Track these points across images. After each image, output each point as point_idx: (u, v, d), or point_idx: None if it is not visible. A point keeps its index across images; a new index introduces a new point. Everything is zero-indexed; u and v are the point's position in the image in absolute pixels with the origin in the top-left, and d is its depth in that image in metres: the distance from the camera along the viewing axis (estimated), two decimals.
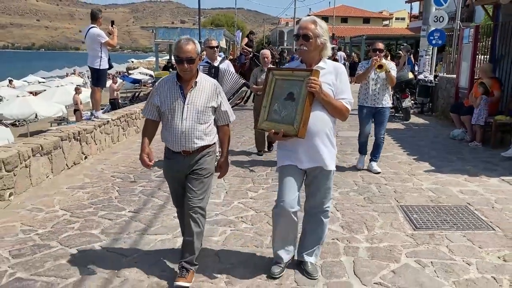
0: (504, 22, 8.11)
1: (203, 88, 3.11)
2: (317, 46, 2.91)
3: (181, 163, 3.12)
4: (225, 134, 3.31)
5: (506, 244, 3.68)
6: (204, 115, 3.09)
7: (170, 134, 3.10)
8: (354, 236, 3.88)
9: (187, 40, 3.05)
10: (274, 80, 3.04)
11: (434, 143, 7.80)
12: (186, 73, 3.03)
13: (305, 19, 3.00)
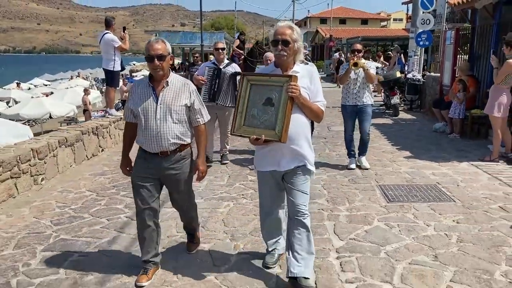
0: (480, 25, 8.88)
1: (174, 87, 3.13)
2: (294, 51, 2.97)
3: (158, 164, 3.14)
4: (200, 134, 3.30)
5: (461, 212, 4.44)
6: (178, 114, 3.11)
7: (145, 136, 3.11)
8: (336, 207, 4.64)
9: (157, 39, 3.12)
10: (249, 86, 3.03)
11: (418, 135, 8.57)
12: (157, 71, 3.05)
13: (282, 25, 3.00)
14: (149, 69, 3.12)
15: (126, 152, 3.35)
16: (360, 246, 3.69)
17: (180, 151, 3.18)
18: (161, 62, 3.02)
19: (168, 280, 3.22)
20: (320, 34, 45.45)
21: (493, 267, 3.28)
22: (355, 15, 64.21)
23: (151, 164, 3.15)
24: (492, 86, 6.37)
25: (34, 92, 18.51)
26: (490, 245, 3.65)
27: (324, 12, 59.80)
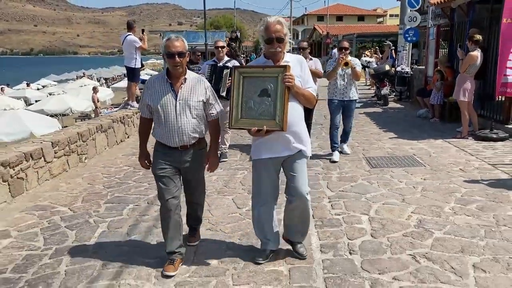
0: (458, 22, 10.02)
1: (192, 84, 3.23)
2: (285, 44, 3.11)
3: (177, 157, 3.27)
4: (214, 127, 3.43)
5: (429, 173, 5.59)
6: (196, 109, 3.22)
7: (166, 131, 3.20)
8: (330, 172, 5.79)
9: (177, 36, 3.19)
10: (242, 78, 3.09)
11: (403, 120, 9.73)
12: (177, 67, 3.13)
13: (272, 22, 3.06)
14: (168, 65, 3.19)
15: (144, 145, 3.46)
16: (347, 194, 4.85)
17: (198, 144, 3.33)
18: (181, 59, 3.10)
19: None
20: (318, 32, 46.59)
21: (444, 204, 4.43)
22: (351, 12, 65.13)
23: (171, 157, 3.27)
24: (458, 75, 7.53)
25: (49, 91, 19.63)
26: (445, 192, 4.80)
27: (321, 9, 60.64)
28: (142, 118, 3.41)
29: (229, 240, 3.80)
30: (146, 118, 3.36)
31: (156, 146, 3.35)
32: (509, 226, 3.85)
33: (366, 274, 3.14)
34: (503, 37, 7.15)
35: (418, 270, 3.16)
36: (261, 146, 3.16)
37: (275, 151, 3.13)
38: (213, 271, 3.28)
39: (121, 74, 42.79)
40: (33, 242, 3.91)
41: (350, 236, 3.76)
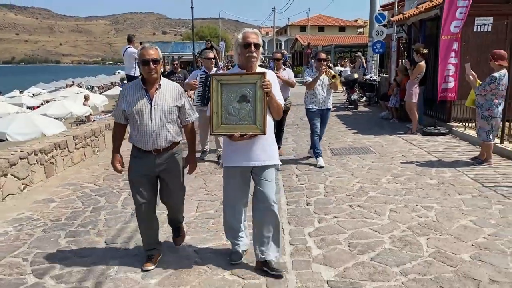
0: (414, 36, 11.65)
1: (166, 90, 3.35)
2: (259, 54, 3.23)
3: (152, 161, 3.37)
4: (190, 132, 3.57)
5: (377, 158, 7.07)
6: (170, 114, 3.35)
7: (141, 135, 3.31)
8: (299, 159, 7.22)
9: (151, 45, 3.35)
10: (220, 85, 3.16)
11: (367, 121, 11.26)
12: (151, 74, 3.24)
13: (251, 31, 3.23)
14: (143, 72, 3.29)
15: (117, 149, 3.54)
16: (310, 172, 6.30)
17: (172, 148, 3.43)
18: (156, 66, 3.25)
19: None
20: (299, 42, 48.45)
21: (382, 177, 5.90)
22: (333, 23, 67.16)
23: (146, 161, 3.37)
24: (408, 81, 9.09)
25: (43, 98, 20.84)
26: (385, 170, 6.28)
27: (303, 20, 62.37)
28: (116, 124, 3.52)
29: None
30: (120, 123, 3.47)
31: (132, 151, 3.46)
32: (423, 189, 5.33)
33: (316, 215, 4.56)
34: (442, 51, 8.74)
35: (352, 213, 4.60)
36: (232, 154, 3.28)
37: (245, 159, 3.24)
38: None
39: (108, 83, 43.95)
40: (74, 204, 5.25)
41: (308, 196, 5.20)
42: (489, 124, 6.21)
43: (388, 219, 4.39)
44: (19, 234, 4.31)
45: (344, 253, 3.66)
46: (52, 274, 3.47)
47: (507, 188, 5.24)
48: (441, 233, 4.00)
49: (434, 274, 3.24)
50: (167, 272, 3.43)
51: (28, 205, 5.21)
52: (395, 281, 3.16)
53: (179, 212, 3.77)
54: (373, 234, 4.02)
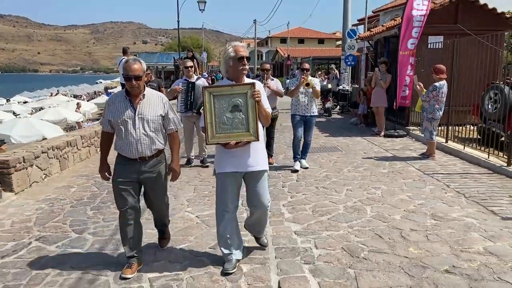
0: (380, 51, 13.09)
1: (150, 100, 3.46)
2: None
3: (137, 168, 3.48)
4: (174, 140, 3.68)
5: (343, 154, 8.35)
6: (154, 123, 3.45)
7: (125, 143, 3.42)
8: (278, 155, 8.45)
9: (135, 60, 3.38)
10: (212, 97, 3.31)
11: (338, 126, 12.60)
12: (134, 89, 3.35)
13: (239, 44, 3.42)
14: (127, 86, 3.39)
15: (105, 158, 3.64)
16: (286, 166, 7.51)
17: (156, 156, 3.54)
18: (138, 82, 3.35)
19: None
20: (280, 54, 50.09)
21: (344, 168, 7.17)
22: (312, 35, 69.12)
23: (131, 168, 3.48)
24: (378, 89, 10.47)
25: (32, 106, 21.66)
26: (348, 163, 7.56)
27: (284, 32, 63.96)
28: (103, 132, 3.63)
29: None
30: (107, 132, 3.57)
31: (117, 158, 3.57)
32: (376, 176, 6.61)
33: (289, 193, 5.78)
34: (400, 64, 10.15)
35: (317, 192, 5.83)
36: (224, 161, 3.47)
37: (237, 166, 3.43)
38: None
39: (91, 91, 44.62)
40: (91, 189, 6.35)
41: (283, 181, 6.42)
42: (431, 125, 7.56)
43: (345, 195, 5.65)
44: (52, 209, 5.39)
45: (308, 216, 4.88)
46: (88, 231, 4.58)
47: (441, 175, 6.57)
48: (383, 203, 5.27)
49: (371, 227, 4.48)
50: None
51: (52, 190, 6.28)
52: (343, 231, 4.39)
53: (164, 216, 3.95)
54: (332, 204, 5.26)
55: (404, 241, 4.08)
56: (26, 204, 5.61)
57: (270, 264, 3.66)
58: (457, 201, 5.30)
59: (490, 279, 3.32)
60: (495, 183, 6.06)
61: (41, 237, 4.42)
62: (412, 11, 9.93)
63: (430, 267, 3.53)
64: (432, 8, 10.22)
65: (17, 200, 5.78)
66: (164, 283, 3.39)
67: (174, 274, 3.53)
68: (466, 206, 5.10)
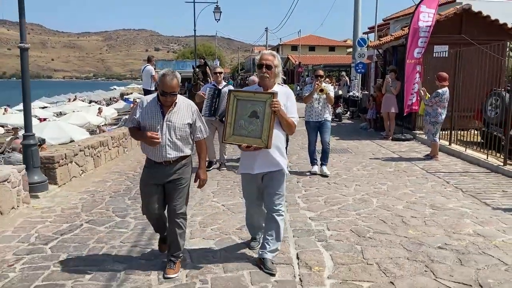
0: (389, 60, 13.72)
1: (180, 109, 3.56)
2: (275, 74, 3.54)
3: (162, 172, 3.58)
4: (200, 147, 3.75)
5: (353, 156, 8.98)
6: (181, 130, 3.54)
7: (152, 147, 3.52)
8: (291, 156, 9.10)
9: (172, 76, 3.43)
10: (236, 100, 3.50)
11: (349, 130, 13.23)
12: (167, 102, 3.49)
13: (266, 52, 3.59)
14: (160, 98, 3.51)
15: (140, 131, 3.61)
16: (300, 164, 8.16)
17: (181, 160, 3.63)
18: (173, 97, 3.49)
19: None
20: (291, 61, 50.83)
21: (353, 167, 7.80)
22: (323, 43, 69.72)
23: (157, 172, 3.61)
24: (389, 95, 11.08)
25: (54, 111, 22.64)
26: (357, 163, 8.19)
27: (295, 40, 64.59)
28: (130, 129, 3.73)
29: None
30: (134, 127, 3.66)
31: (145, 162, 3.74)
32: (382, 173, 7.24)
33: (303, 188, 6.43)
34: (407, 72, 10.77)
35: (328, 186, 6.47)
36: (244, 163, 3.73)
37: (254, 168, 3.63)
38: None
39: (107, 97, 45.74)
40: (125, 182, 7.06)
41: (298, 178, 7.07)
42: (434, 128, 8.17)
43: (353, 189, 6.29)
44: (94, 199, 6.11)
45: (321, 205, 5.53)
46: (130, 216, 5.28)
47: (443, 173, 7.18)
48: (387, 196, 5.90)
49: (377, 214, 5.12)
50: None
51: (90, 184, 7.01)
52: (351, 217, 5.03)
53: (180, 232, 3.69)
54: (342, 197, 5.91)
55: (404, 225, 4.71)
56: (69, 195, 6.33)
57: (289, 241, 4.32)
58: (455, 194, 5.92)
59: (475, 253, 3.94)
60: (491, 180, 6.66)
61: (90, 220, 5.12)
62: (419, 22, 10.57)
63: (425, 244, 4.16)
64: (437, 19, 10.87)
65: (61, 192, 6.51)
66: (202, 254, 4.06)
67: (208, 248, 4.21)
68: (462, 198, 5.72)
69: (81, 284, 3.52)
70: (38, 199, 6.04)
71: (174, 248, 3.71)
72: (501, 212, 5.11)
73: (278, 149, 3.63)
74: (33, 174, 6.18)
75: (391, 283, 3.42)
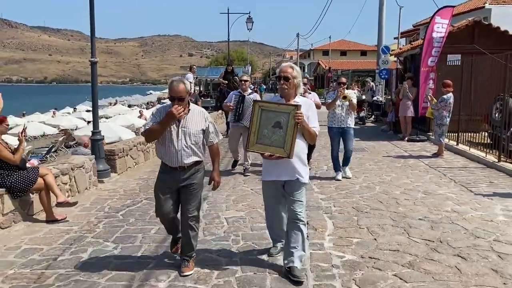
0: (408, 66, 14.70)
1: (193, 116, 3.75)
2: (294, 85, 3.71)
3: (177, 176, 3.76)
4: (214, 152, 3.93)
5: (368, 154, 10.09)
6: (195, 136, 3.73)
7: (167, 152, 3.73)
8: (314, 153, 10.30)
9: (179, 81, 3.63)
10: (260, 111, 3.70)
11: (370, 133, 14.29)
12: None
13: (285, 65, 3.79)
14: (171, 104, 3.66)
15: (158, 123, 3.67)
16: (317, 159, 9.36)
17: (195, 166, 3.79)
18: (181, 102, 3.59)
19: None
20: (321, 66, 51.82)
21: (367, 163, 8.94)
22: (354, 47, 70.24)
23: (171, 177, 3.77)
24: (406, 100, 12.09)
25: (100, 114, 24.89)
26: (371, 160, 9.30)
27: (326, 45, 65.26)
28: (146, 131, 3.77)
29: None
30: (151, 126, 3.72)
31: (160, 167, 3.92)
32: (390, 168, 8.37)
33: (318, 178, 7.63)
34: (422, 78, 11.79)
35: (344, 183, 7.64)
36: (266, 170, 3.87)
37: (275, 175, 3.78)
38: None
39: (145, 102, 48.06)
40: None
41: (315, 171, 8.27)
42: (440, 130, 9.20)
43: (362, 180, 7.46)
44: (148, 183, 7.48)
45: (331, 190, 6.75)
46: None
47: (443, 168, 8.23)
48: (389, 184, 7.04)
49: (376, 197, 6.28)
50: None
51: (142, 173, 8.45)
52: (355, 199, 6.22)
53: (192, 234, 3.88)
54: (350, 185, 7.09)
55: (397, 205, 5.87)
56: (127, 180, 7.79)
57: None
58: (447, 184, 7.00)
59: (446, 223, 5.07)
60: (484, 174, 7.68)
61: (148, 198, 6.50)
62: (433, 33, 11.60)
63: (409, 217, 5.31)
64: (451, 30, 11.85)
65: (121, 178, 7.97)
66: (235, 219, 5.37)
67: (239, 216, 5.51)
68: (452, 187, 6.80)
69: (148, 235, 4.89)
70: (103, 183, 7.51)
71: (187, 249, 3.91)
72: (480, 197, 6.18)
73: (300, 159, 3.76)
74: (99, 163, 7.66)
75: (375, 239, 4.61)
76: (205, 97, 25.34)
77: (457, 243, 4.46)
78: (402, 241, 4.55)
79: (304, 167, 3.80)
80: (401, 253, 4.23)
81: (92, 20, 7.87)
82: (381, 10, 18.21)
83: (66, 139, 18.66)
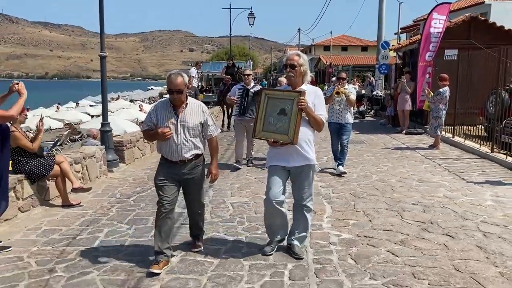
0: (407, 61, 15.01)
1: (191, 109, 3.80)
2: (300, 73, 3.74)
3: (177, 170, 3.83)
4: (213, 145, 4.00)
5: (366, 146, 10.43)
6: (194, 130, 3.79)
7: (167, 147, 3.79)
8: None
9: (177, 74, 3.69)
10: (267, 98, 3.79)
11: (369, 126, 14.62)
12: (176, 100, 3.71)
13: (291, 53, 3.84)
14: (170, 98, 3.77)
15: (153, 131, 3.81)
16: (317, 151, 9.70)
17: (195, 159, 3.87)
18: (179, 95, 3.68)
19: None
20: (322, 61, 52.05)
21: (365, 154, 9.27)
22: (355, 43, 70.33)
23: (172, 170, 3.84)
24: (404, 95, 12.41)
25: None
26: (368, 152, 9.64)
27: (327, 40, 65.27)
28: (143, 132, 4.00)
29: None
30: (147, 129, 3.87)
31: (160, 159, 3.98)
32: (387, 159, 8.70)
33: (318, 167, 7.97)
34: (420, 73, 12.11)
35: (346, 178, 7.99)
36: (273, 156, 3.91)
37: (283, 161, 3.81)
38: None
39: (147, 97, 48.40)
40: None
41: (318, 161, 8.59)
42: (436, 122, 9.53)
43: (360, 169, 7.80)
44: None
45: (330, 178, 7.10)
46: None
47: (439, 159, 8.58)
48: (386, 173, 7.39)
49: (373, 185, 6.63)
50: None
51: (149, 164, 8.79)
52: (353, 186, 6.57)
53: (199, 219, 4.18)
54: (349, 174, 7.42)
55: (392, 191, 6.22)
56: (135, 170, 8.14)
57: None
58: (441, 173, 7.35)
59: (437, 207, 5.42)
60: (477, 164, 8.02)
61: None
62: (430, 29, 11.90)
63: (402, 202, 5.66)
64: (448, 26, 12.14)
65: (129, 168, 8.33)
66: (240, 204, 5.72)
67: (244, 201, 5.86)
68: (446, 175, 7.15)
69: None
70: (112, 172, 7.86)
71: (195, 229, 4.23)
72: (471, 185, 6.52)
73: (307, 144, 3.79)
74: (109, 153, 8.00)
75: (370, 221, 4.97)
76: (207, 92, 25.64)
77: (446, 224, 4.81)
78: (395, 222, 4.90)
79: (311, 152, 3.84)
80: (394, 232, 4.58)
81: (102, 16, 8.17)
82: (381, 5, 18.45)
83: (71, 132, 19.00)
